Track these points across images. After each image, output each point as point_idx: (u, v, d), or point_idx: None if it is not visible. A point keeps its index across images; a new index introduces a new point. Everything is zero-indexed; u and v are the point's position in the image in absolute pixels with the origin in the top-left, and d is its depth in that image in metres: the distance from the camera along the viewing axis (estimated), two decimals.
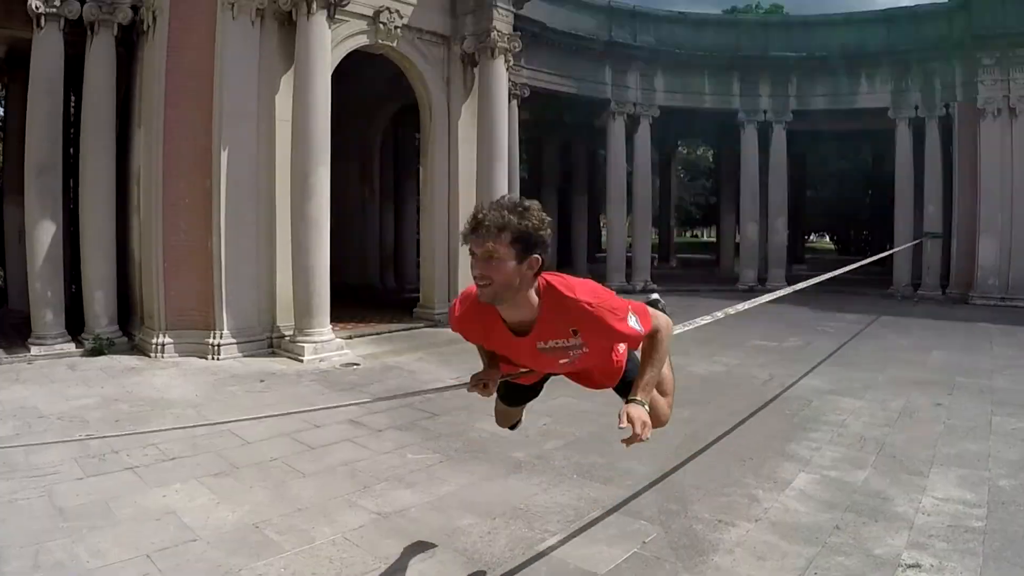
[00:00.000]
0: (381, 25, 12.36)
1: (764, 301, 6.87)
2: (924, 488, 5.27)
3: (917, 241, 19.19)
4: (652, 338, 2.92)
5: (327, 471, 5.67)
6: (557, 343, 2.80)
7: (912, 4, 20.68)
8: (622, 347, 3.26)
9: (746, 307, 6.25)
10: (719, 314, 5.59)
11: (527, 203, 2.62)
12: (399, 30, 12.66)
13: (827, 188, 42.08)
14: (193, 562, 4.12)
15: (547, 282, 2.71)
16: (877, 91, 20.55)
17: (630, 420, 2.74)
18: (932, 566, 4.09)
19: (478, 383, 3.14)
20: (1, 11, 10.72)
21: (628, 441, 2.77)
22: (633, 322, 2.76)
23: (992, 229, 17.76)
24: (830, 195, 41.96)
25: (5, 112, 16.18)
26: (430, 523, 4.70)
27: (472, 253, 2.61)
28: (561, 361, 2.91)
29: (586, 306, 2.67)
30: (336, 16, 11.21)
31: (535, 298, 2.70)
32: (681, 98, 21.53)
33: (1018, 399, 8.12)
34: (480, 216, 2.57)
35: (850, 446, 6.38)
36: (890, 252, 18.00)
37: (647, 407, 2.85)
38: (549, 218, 2.64)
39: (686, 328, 4.93)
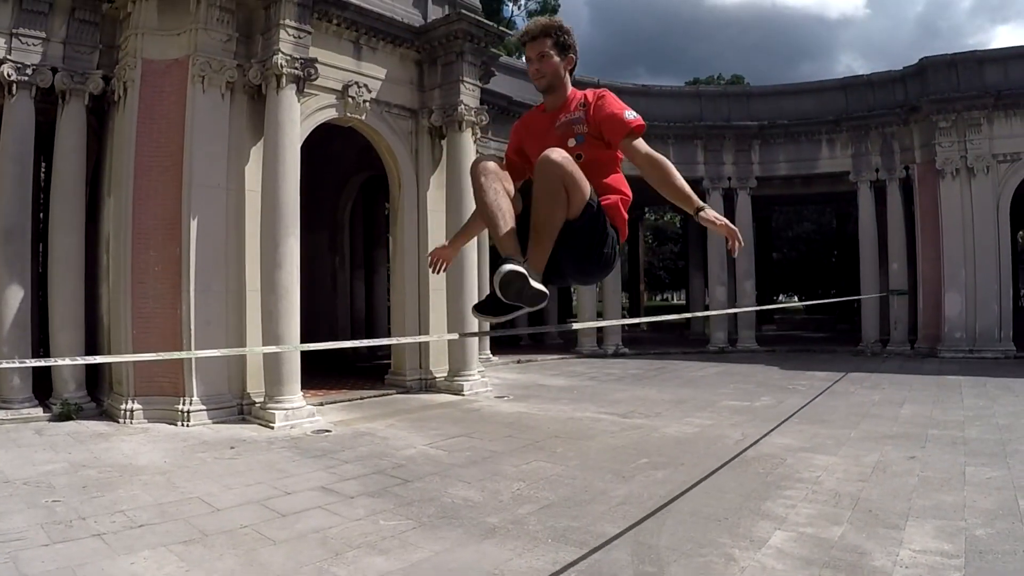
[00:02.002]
0: (350, 99, 12.56)
1: None
2: (901, 541, 5.26)
3: (883, 294, 19.52)
4: (650, 156, 3.41)
5: (298, 538, 5.55)
6: (569, 116, 3.40)
7: (868, 72, 21.36)
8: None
9: None
10: None
11: (557, 19, 3.45)
12: (367, 104, 12.87)
13: (793, 249, 42.80)
14: None
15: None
16: (838, 155, 21.15)
17: (721, 226, 3.30)
18: None
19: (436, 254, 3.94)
20: None
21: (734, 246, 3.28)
22: (631, 113, 3.37)
23: (956, 284, 18.18)
24: (796, 256, 42.66)
25: None
26: None
27: (528, 59, 3.44)
28: (569, 141, 3.35)
29: (596, 90, 3.45)
30: (305, 90, 11.40)
31: (569, 89, 3.49)
32: None
33: (990, 449, 8.21)
34: (529, 28, 3.43)
35: (825, 502, 6.36)
36: (848, 299, 18.20)
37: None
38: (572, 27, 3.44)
39: None
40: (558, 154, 2.98)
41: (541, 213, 3.06)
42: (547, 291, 3.03)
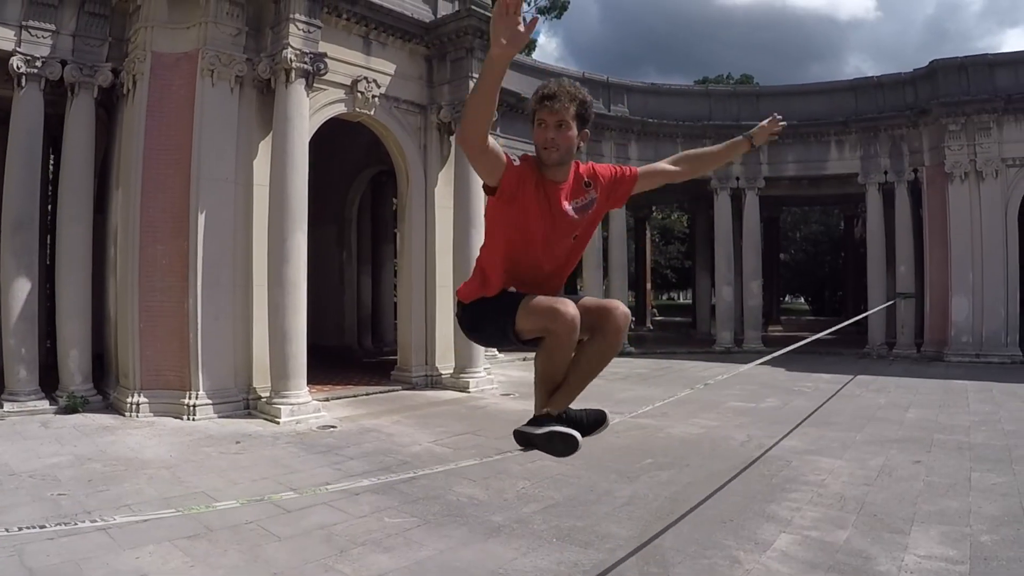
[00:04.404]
0: (359, 94, 12.58)
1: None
2: (906, 546, 5.25)
3: (890, 303, 19.45)
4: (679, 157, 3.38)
5: (303, 534, 5.56)
6: (583, 200, 3.15)
7: (877, 74, 21.30)
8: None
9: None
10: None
11: (583, 89, 3.08)
12: (376, 99, 12.89)
13: (800, 251, 42.78)
14: None
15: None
16: (847, 157, 21.07)
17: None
18: None
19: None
20: None
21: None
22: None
23: (964, 288, 18.14)
24: (803, 257, 42.62)
25: None
26: None
27: (542, 121, 3.01)
28: (572, 234, 3.18)
29: (602, 166, 3.26)
30: (314, 85, 11.41)
31: (572, 165, 3.15)
32: None
33: (996, 455, 8.18)
34: (552, 90, 3.00)
35: (830, 506, 6.35)
36: (864, 315, 18.20)
37: None
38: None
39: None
40: (626, 312, 3.12)
41: (602, 365, 3.24)
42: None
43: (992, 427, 9.86)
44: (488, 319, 3.25)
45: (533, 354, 3.16)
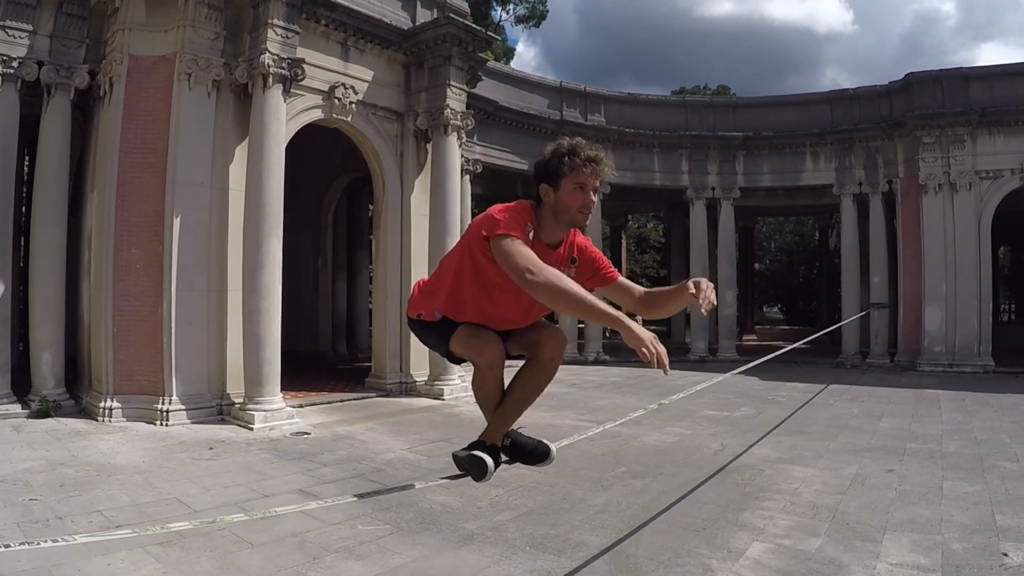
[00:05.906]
0: (336, 100, 12.55)
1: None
2: (878, 554, 5.28)
3: (864, 312, 19.63)
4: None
5: (276, 542, 5.52)
6: (566, 269, 3.06)
7: (854, 87, 21.51)
8: None
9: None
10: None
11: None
12: (354, 105, 12.86)
13: (775, 260, 43.07)
14: None
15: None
16: (822, 168, 21.28)
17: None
18: None
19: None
20: None
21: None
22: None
23: (937, 298, 18.35)
24: (778, 267, 42.92)
25: None
26: None
27: (583, 184, 2.93)
28: None
29: (592, 245, 3.26)
30: (292, 90, 11.37)
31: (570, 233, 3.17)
32: (631, 175, 21.91)
33: (968, 463, 8.27)
34: (599, 153, 2.96)
35: (803, 514, 6.38)
36: (838, 325, 18.36)
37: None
38: None
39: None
40: (560, 340, 3.17)
41: (535, 393, 3.24)
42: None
43: (964, 436, 9.97)
44: (429, 336, 3.35)
45: (508, 363, 3.18)
